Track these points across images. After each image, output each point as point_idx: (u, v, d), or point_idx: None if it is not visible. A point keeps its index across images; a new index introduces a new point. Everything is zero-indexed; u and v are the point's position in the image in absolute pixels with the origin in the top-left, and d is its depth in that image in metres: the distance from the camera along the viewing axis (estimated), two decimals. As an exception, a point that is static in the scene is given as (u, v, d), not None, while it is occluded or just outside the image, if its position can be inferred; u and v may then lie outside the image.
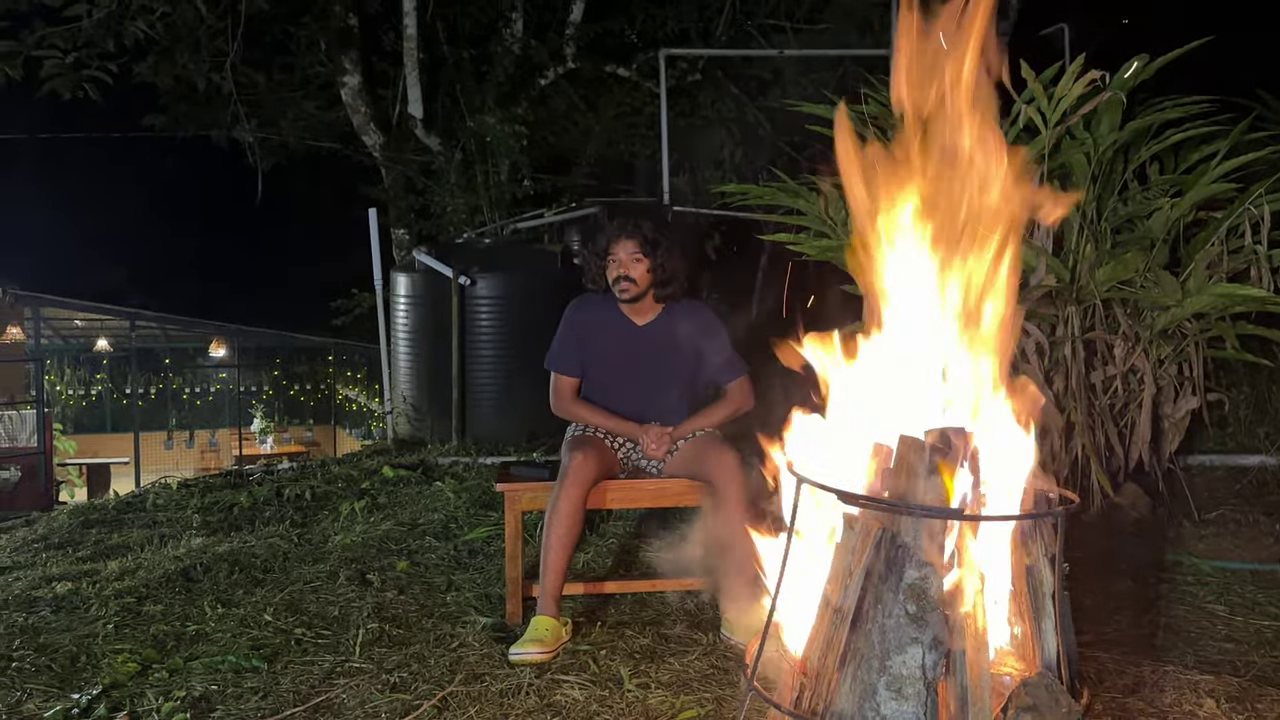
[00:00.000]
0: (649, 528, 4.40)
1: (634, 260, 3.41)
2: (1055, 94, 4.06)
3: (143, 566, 4.14)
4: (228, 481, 6.22)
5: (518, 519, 3.43)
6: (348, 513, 4.90)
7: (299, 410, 19.77)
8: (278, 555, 4.21)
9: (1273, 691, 2.62)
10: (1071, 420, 4.25)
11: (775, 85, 9.47)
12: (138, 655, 3.10)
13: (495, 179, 8.08)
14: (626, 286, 3.43)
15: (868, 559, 1.58)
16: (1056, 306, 4.32)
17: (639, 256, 3.41)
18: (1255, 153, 4.12)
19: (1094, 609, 3.32)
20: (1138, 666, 2.81)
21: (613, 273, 3.44)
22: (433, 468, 6.09)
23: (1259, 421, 5.22)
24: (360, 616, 3.42)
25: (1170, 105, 4.24)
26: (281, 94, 9.71)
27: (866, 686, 1.55)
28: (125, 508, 5.61)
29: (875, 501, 1.60)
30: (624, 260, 3.42)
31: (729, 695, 2.62)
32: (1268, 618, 3.23)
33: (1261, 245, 4.13)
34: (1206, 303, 4.19)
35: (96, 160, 17.60)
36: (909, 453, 1.59)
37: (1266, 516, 4.40)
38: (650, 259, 3.41)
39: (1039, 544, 1.63)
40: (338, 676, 2.93)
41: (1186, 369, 4.44)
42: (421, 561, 4.09)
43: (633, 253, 3.41)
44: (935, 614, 1.53)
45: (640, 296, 3.46)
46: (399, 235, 9.12)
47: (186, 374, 19.65)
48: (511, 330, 7.16)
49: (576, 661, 2.97)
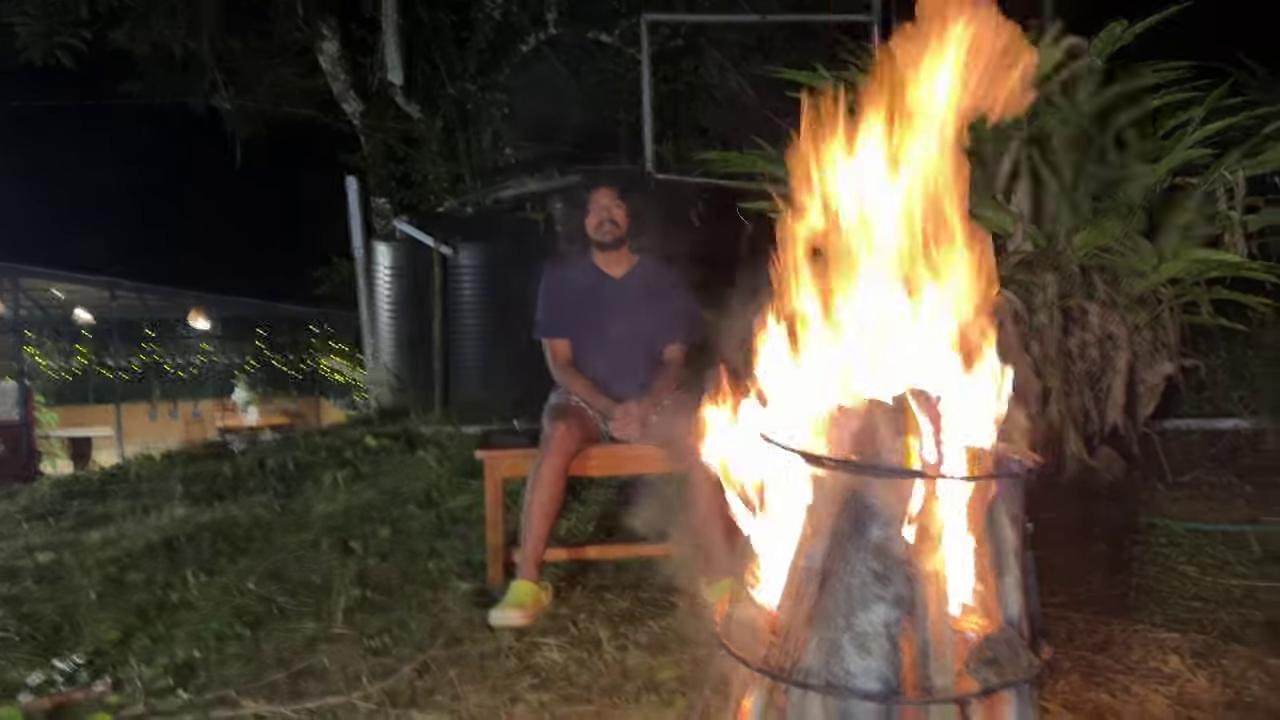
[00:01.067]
0: (631, 494, 4.43)
1: (615, 205, 3.55)
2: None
3: (125, 536, 4.16)
4: (211, 452, 6.24)
5: (498, 486, 3.46)
6: (330, 482, 4.92)
7: (282, 381, 19.73)
8: (260, 524, 4.23)
9: (1238, 648, 2.67)
10: (1048, 386, 4.29)
11: (759, 51, 9.40)
12: (120, 623, 3.13)
13: (477, 147, 8.03)
14: (610, 229, 3.53)
15: (834, 519, 1.61)
16: (1034, 272, 4.34)
17: (619, 202, 3.56)
18: (1232, 118, 4.14)
19: (1067, 570, 3.36)
20: (1108, 625, 2.86)
21: (595, 220, 3.54)
22: (415, 437, 6.10)
23: (1233, 386, 5.27)
24: (342, 583, 3.44)
25: (1148, 71, 4.25)
26: (259, 61, 9.59)
27: (832, 644, 1.58)
28: (108, 479, 5.62)
29: (841, 463, 1.63)
30: (605, 205, 3.55)
31: (706, 656, 2.65)
32: (1236, 577, 3.29)
33: (1236, 211, 4.16)
34: (1182, 268, 4.23)
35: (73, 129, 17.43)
36: (875, 415, 1.62)
37: (1239, 479, 4.46)
38: (627, 204, 3.56)
39: (1002, 504, 1.66)
40: (320, 642, 2.96)
41: (1162, 334, 4.49)
42: (404, 529, 4.12)
43: (613, 198, 3.56)
44: (899, 572, 1.56)
45: (621, 240, 3.54)
46: (379, 204, 9.06)
47: (169, 345, 19.55)
48: (494, 299, 7.16)
49: (556, 624, 3.00)
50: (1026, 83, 1.82)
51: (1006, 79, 1.81)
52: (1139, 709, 2.33)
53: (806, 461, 1.66)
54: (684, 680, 2.56)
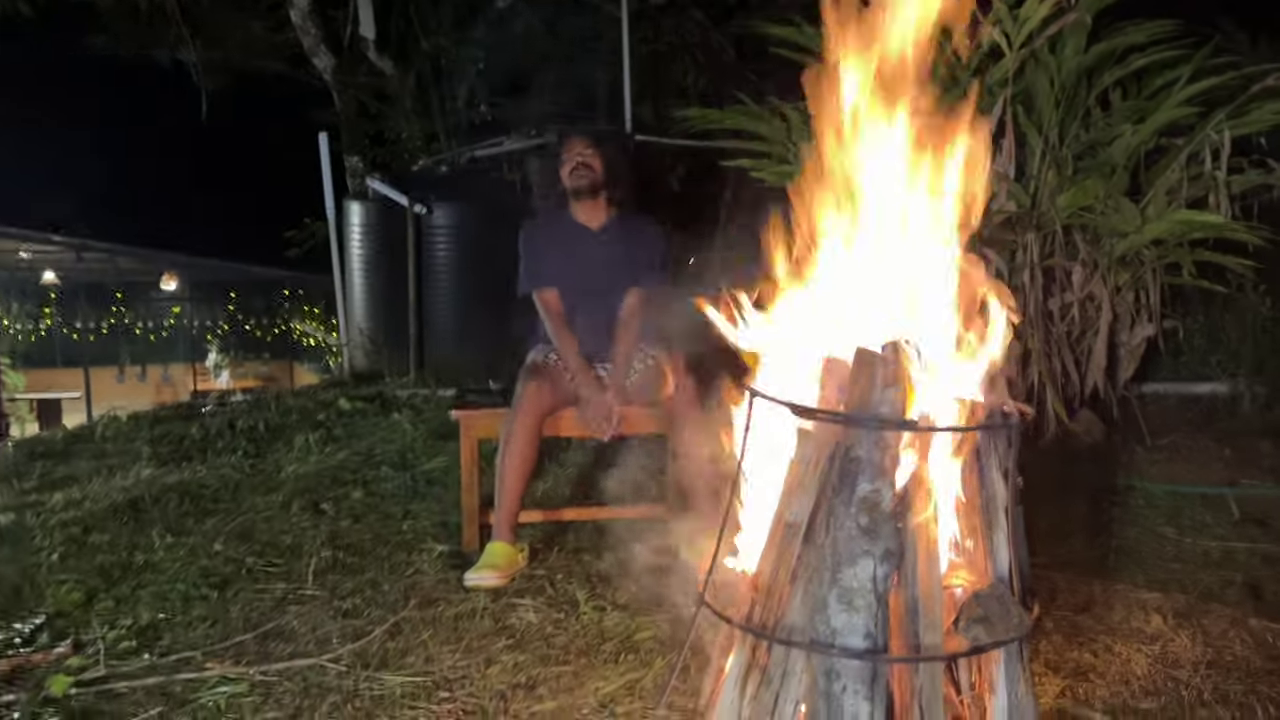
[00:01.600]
0: (609, 455, 4.37)
1: (588, 151, 3.50)
2: (1020, 15, 3.99)
3: (90, 497, 4.06)
4: (179, 414, 6.12)
5: (473, 447, 3.39)
6: (302, 444, 4.83)
7: (255, 345, 19.49)
8: (229, 485, 4.15)
9: (1217, 608, 2.67)
10: (1029, 347, 4.25)
11: (740, 9, 9.25)
12: (83, 585, 3.04)
13: (452, 104, 7.86)
14: (584, 173, 3.47)
15: (821, 472, 1.55)
16: (1016, 233, 4.29)
17: (593, 151, 3.51)
18: (1217, 78, 4.09)
19: (1048, 532, 3.35)
20: (1089, 586, 2.84)
21: (568, 166, 3.48)
22: (390, 400, 6.02)
23: (1212, 350, 5.27)
24: (313, 545, 3.37)
25: (1134, 29, 4.18)
26: (228, 14, 9.34)
27: (817, 599, 1.53)
28: (73, 440, 5.50)
29: (829, 415, 1.57)
30: (579, 152, 3.50)
31: (686, 614, 2.61)
32: (1214, 539, 3.28)
33: (1221, 171, 4.12)
34: (1165, 229, 4.19)
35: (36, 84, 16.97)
36: (863, 365, 1.55)
37: (1216, 442, 4.47)
38: (602, 153, 3.50)
39: (993, 457, 1.61)
40: (289, 604, 2.89)
41: (1144, 296, 4.46)
42: (377, 491, 4.04)
43: (586, 146, 3.51)
44: (887, 526, 1.50)
45: (596, 188, 3.48)
46: (352, 162, 8.87)
47: (139, 307, 19.25)
48: (470, 260, 7.03)
49: (533, 585, 2.95)
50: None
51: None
52: (1122, 668, 2.31)
53: (793, 413, 1.60)
54: (662, 641, 2.52)
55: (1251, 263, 4.35)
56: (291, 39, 9.01)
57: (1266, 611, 2.65)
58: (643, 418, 3.38)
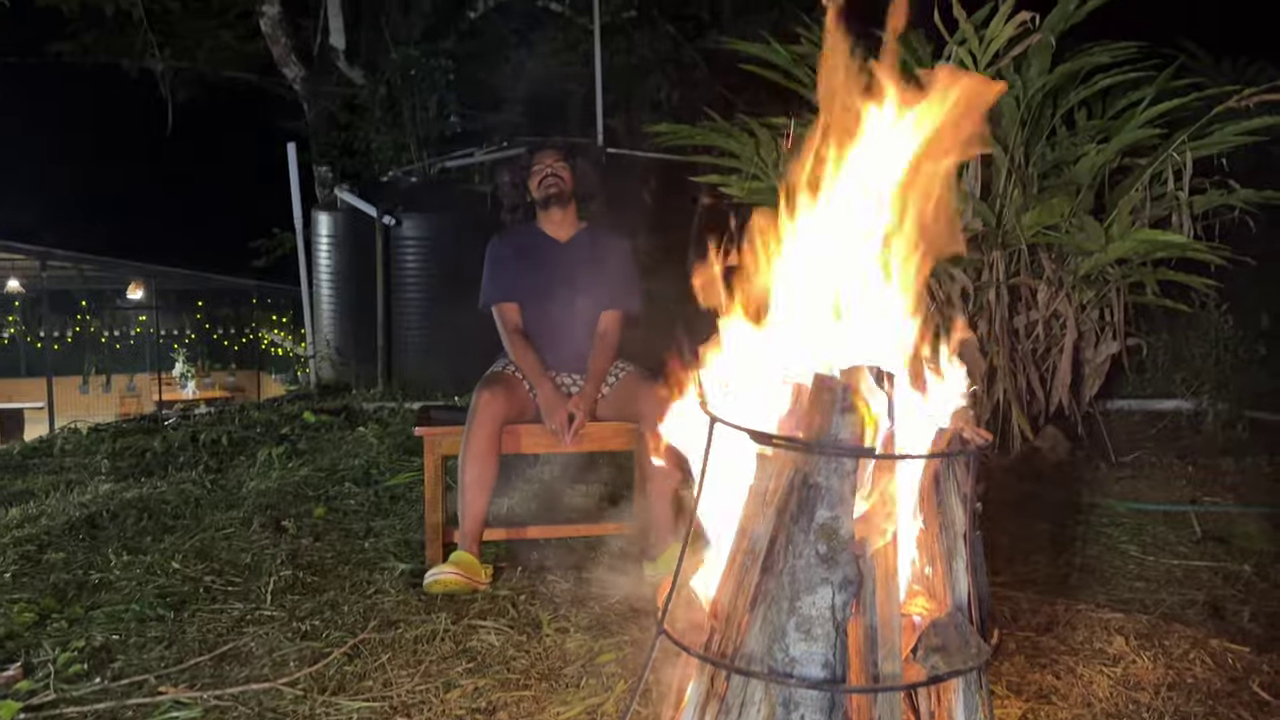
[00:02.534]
0: (574, 472, 4.34)
1: (559, 164, 3.48)
2: (987, 35, 4.03)
3: (46, 513, 3.98)
4: (141, 427, 6.02)
5: (438, 464, 3.35)
6: (265, 459, 4.77)
7: (222, 354, 19.29)
8: (189, 501, 4.08)
9: (1180, 628, 2.68)
10: (994, 364, 4.28)
11: (713, 25, 9.30)
12: (35, 605, 2.97)
13: (422, 115, 7.82)
14: (553, 182, 3.44)
15: (779, 499, 1.54)
16: (982, 251, 4.32)
17: (562, 163, 3.48)
18: (1180, 99, 4.15)
19: (1012, 549, 3.36)
20: (1052, 605, 2.85)
21: (537, 177, 3.46)
22: (356, 413, 5.96)
23: (1175, 368, 5.33)
24: (273, 564, 3.32)
25: (1099, 50, 4.24)
26: (198, 23, 9.26)
27: (776, 628, 1.51)
28: (31, 453, 5.40)
29: (787, 441, 1.55)
30: (549, 163, 3.47)
31: (648, 638, 2.59)
32: (1177, 557, 3.31)
33: (1183, 192, 4.17)
34: (1129, 248, 4.24)
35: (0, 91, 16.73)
36: (822, 391, 1.54)
37: (1180, 460, 4.51)
38: (571, 166, 3.48)
39: (952, 483, 1.61)
40: (247, 625, 2.84)
41: (1108, 314, 4.51)
42: (340, 508, 3.99)
43: (556, 159, 3.48)
44: (846, 554, 1.49)
45: (565, 198, 3.46)
46: (321, 172, 8.82)
47: (105, 316, 18.99)
48: (439, 272, 7.00)
49: (495, 606, 2.92)
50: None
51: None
52: (1084, 691, 2.32)
53: (753, 439, 1.58)
54: (625, 664, 2.49)
55: (1214, 282, 4.41)
56: (261, 48, 8.96)
57: (1227, 632, 2.66)
58: (610, 434, 3.36)
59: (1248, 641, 2.58)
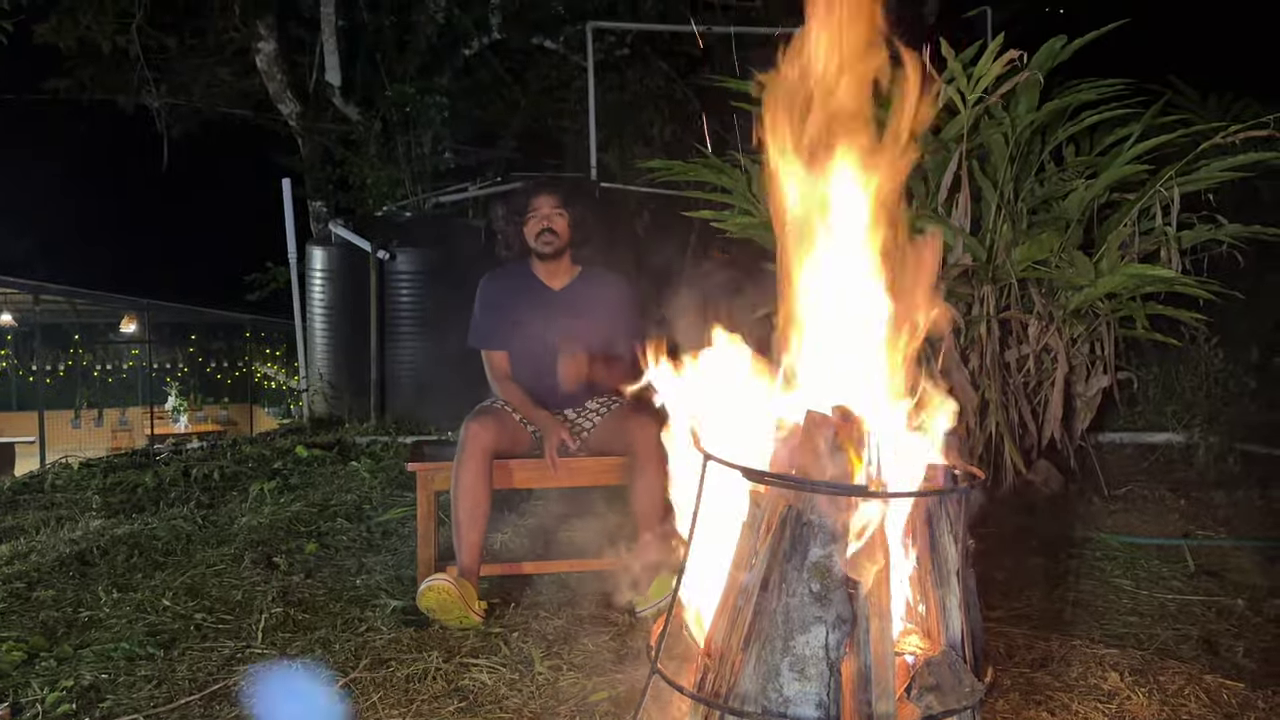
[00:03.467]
0: (568, 506, 4.34)
1: (556, 214, 3.43)
2: (975, 73, 4.07)
3: (35, 550, 3.95)
4: (132, 461, 5.99)
5: (431, 499, 3.35)
6: (257, 493, 4.75)
7: (215, 388, 19.24)
8: (180, 538, 4.05)
9: (1174, 664, 2.67)
10: (986, 398, 4.29)
11: (704, 62, 9.40)
12: (24, 643, 2.94)
13: (417, 151, 7.88)
14: (550, 239, 3.41)
15: (773, 537, 1.54)
16: (973, 285, 4.35)
17: (560, 211, 3.43)
18: (1167, 136, 4.19)
19: (1005, 584, 3.36)
20: (1046, 641, 2.84)
21: (534, 228, 3.42)
22: (349, 447, 5.95)
23: (1166, 400, 5.35)
24: (265, 601, 3.30)
25: (1087, 87, 4.29)
26: (193, 59, 9.33)
27: (770, 667, 1.51)
28: (21, 489, 5.36)
29: (780, 478, 1.56)
30: (546, 214, 3.42)
31: (641, 676, 2.57)
32: (1171, 591, 3.30)
33: (1171, 227, 4.21)
34: (1118, 283, 4.26)
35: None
36: (814, 429, 1.55)
37: (1172, 492, 4.52)
38: (570, 213, 3.44)
39: (944, 520, 1.61)
40: (238, 663, 2.82)
41: (1098, 348, 4.53)
42: (332, 544, 3.97)
43: (555, 207, 3.43)
44: (839, 593, 1.49)
45: (562, 250, 3.45)
46: (316, 207, 8.85)
47: (97, 350, 18.95)
48: (433, 307, 7.01)
49: (488, 644, 2.90)
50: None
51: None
52: (1078, 728, 2.31)
53: (745, 477, 1.59)
54: (618, 702, 2.47)
55: (1202, 317, 4.44)
56: (257, 85, 9.02)
57: (1222, 668, 2.66)
58: (602, 468, 3.36)
59: (1242, 677, 2.58)
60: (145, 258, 19.29)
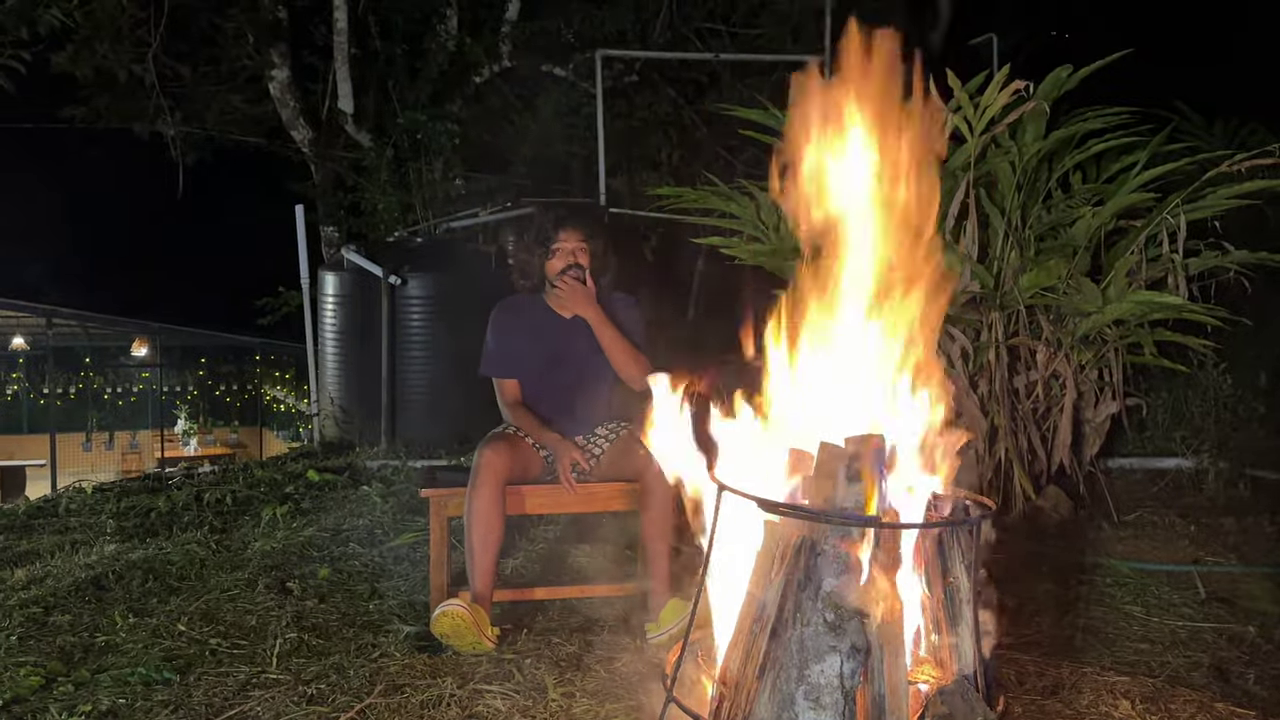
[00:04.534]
0: (578, 532, 4.36)
1: (581, 250, 3.41)
2: (981, 102, 4.12)
3: (51, 575, 3.98)
4: (145, 486, 6.03)
5: (443, 525, 3.37)
6: (269, 518, 4.78)
7: (224, 411, 19.31)
8: (194, 563, 4.08)
9: (1185, 692, 2.67)
10: (995, 424, 4.31)
11: (712, 89, 9.49)
12: (42, 668, 2.97)
13: (428, 177, 7.96)
14: (576, 274, 3.38)
15: (787, 567, 1.57)
16: (981, 312, 4.38)
17: (584, 246, 3.41)
18: (1173, 163, 4.23)
19: (1015, 611, 3.36)
20: (1057, 668, 2.84)
21: (559, 263, 3.40)
22: (360, 471, 5.97)
23: (1175, 426, 5.36)
24: (279, 626, 3.32)
25: (1092, 115, 4.33)
26: (208, 87, 9.45)
27: (785, 696, 1.53)
28: (36, 513, 5.40)
29: (794, 509, 1.59)
30: (572, 249, 3.40)
31: (654, 703, 2.58)
32: (1181, 618, 3.31)
33: (1178, 254, 4.24)
34: (1126, 310, 4.29)
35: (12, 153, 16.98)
36: (829, 459, 1.58)
37: (1182, 518, 4.52)
38: (591, 245, 3.42)
39: (956, 550, 1.64)
40: (253, 688, 2.84)
41: (1107, 374, 4.55)
42: (344, 569, 4.00)
43: (580, 242, 3.41)
44: (853, 622, 1.51)
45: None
46: (328, 233, 8.94)
47: (108, 373, 19.06)
48: (444, 331, 7.06)
49: (501, 670, 2.91)
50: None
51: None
52: (1090, 756, 2.31)
53: (760, 507, 1.61)
54: (631, 729, 2.49)
55: (1210, 343, 4.46)
56: (270, 112, 9.13)
57: (1233, 695, 2.66)
58: (613, 494, 3.38)
59: (1253, 705, 2.58)
60: (157, 282, 19.43)
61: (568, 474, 3.27)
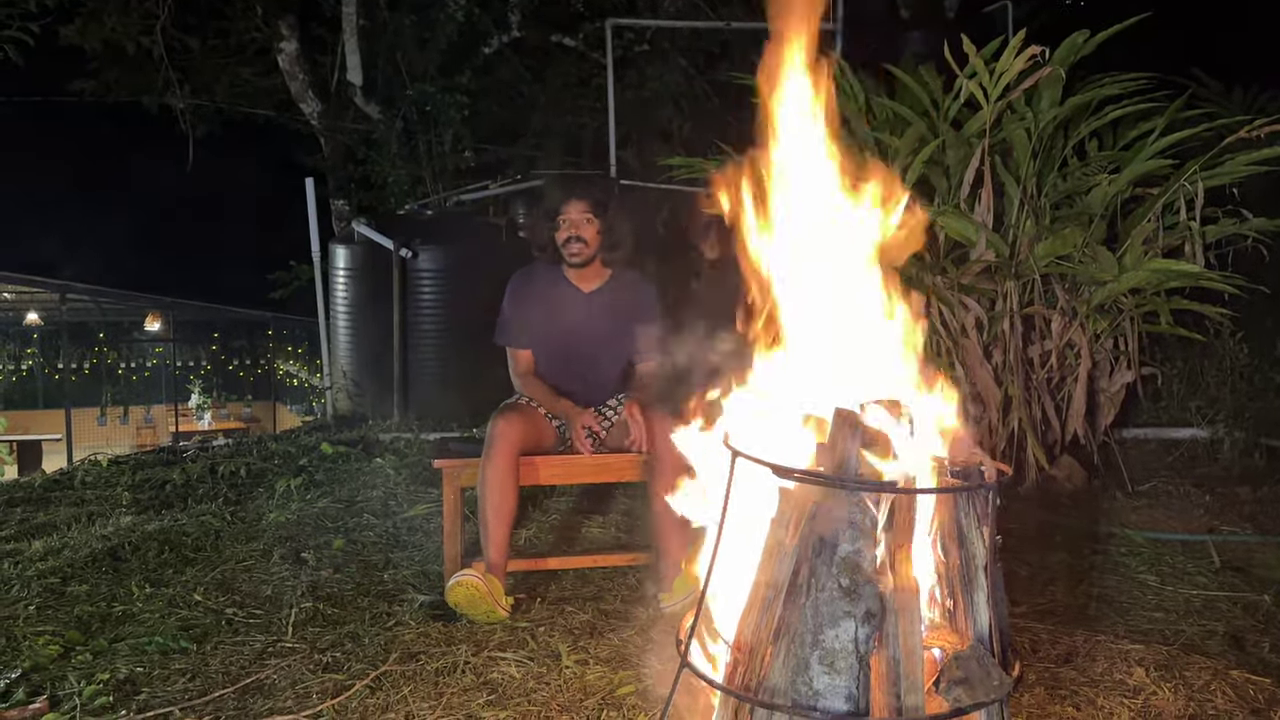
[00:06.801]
0: (591, 502, 4.37)
1: (585, 221, 3.39)
2: (997, 69, 4.07)
3: (68, 546, 4.01)
4: (160, 459, 6.06)
5: (457, 495, 3.38)
6: (284, 490, 4.80)
7: (238, 386, 19.42)
8: (210, 533, 4.11)
9: (1199, 659, 2.67)
10: (1009, 394, 4.29)
11: (724, 58, 9.41)
12: (60, 637, 3.00)
13: (438, 149, 7.92)
14: (579, 249, 3.39)
15: (801, 533, 1.56)
16: (995, 281, 4.35)
17: (590, 217, 3.40)
18: (1191, 130, 4.17)
19: (1029, 580, 3.36)
20: (1071, 636, 2.84)
21: (563, 234, 3.40)
22: (373, 444, 5.99)
23: (1190, 396, 5.33)
24: (294, 595, 3.34)
25: (1109, 81, 4.27)
26: (216, 59, 9.42)
27: (799, 661, 1.53)
28: (52, 485, 5.43)
29: (809, 475, 1.58)
30: (576, 220, 3.39)
31: (668, 669, 2.59)
32: (1196, 587, 3.30)
33: (1195, 222, 4.19)
34: (1142, 278, 4.25)
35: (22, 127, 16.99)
36: (843, 425, 1.57)
37: (1196, 488, 4.50)
38: (600, 220, 3.40)
39: (972, 516, 1.63)
40: (269, 657, 2.86)
41: (1122, 343, 4.51)
42: (359, 539, 4.02)
43: (584, 213, 3.39)
44: (868, 587, 1.51)
45: (590, 259, 3.43)
46: (338, 206, 8.92)
47: (121, 348, 19.17)
48: (455, 304, 7.06)
49: (515, 638, 2.93)
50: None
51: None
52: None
53: (774, 473, 1.61)
54: (645, 696, 2.50)
55: (1227, 312, 4.42)
56: (280, 84, 9.09)
57: (1248, 663, 2.66)
58: (625, 464, 3.38)
59: (1268, 673, 2.58)
60: (169, 256, 19.49)
61: (582, 438, 3.27)
